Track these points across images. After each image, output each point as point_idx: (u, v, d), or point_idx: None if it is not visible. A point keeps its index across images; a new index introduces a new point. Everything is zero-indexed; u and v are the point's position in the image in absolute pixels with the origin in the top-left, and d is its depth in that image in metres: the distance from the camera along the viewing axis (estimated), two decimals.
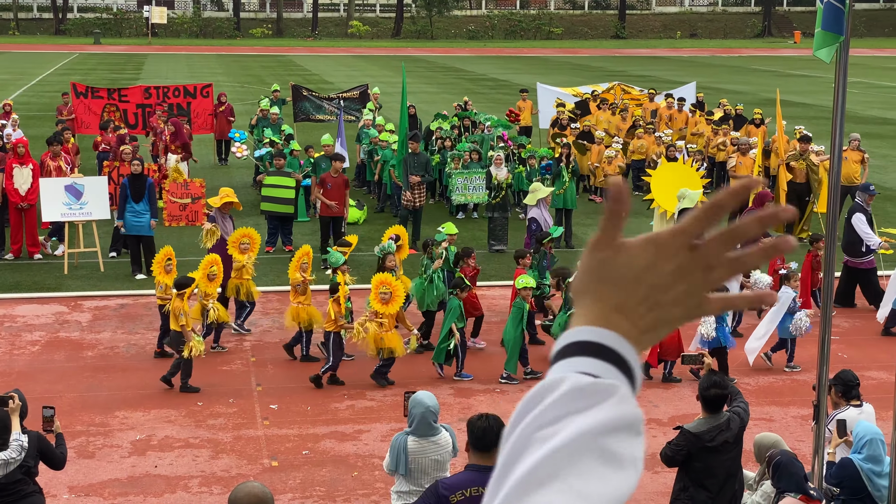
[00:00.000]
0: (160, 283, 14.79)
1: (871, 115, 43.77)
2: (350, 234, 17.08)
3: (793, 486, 8.19)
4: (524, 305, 14.13)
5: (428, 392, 8.46)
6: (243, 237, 15.73)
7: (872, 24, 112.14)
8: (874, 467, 8.74)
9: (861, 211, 17.53)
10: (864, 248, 17.30)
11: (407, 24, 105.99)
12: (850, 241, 17.62)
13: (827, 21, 8.59)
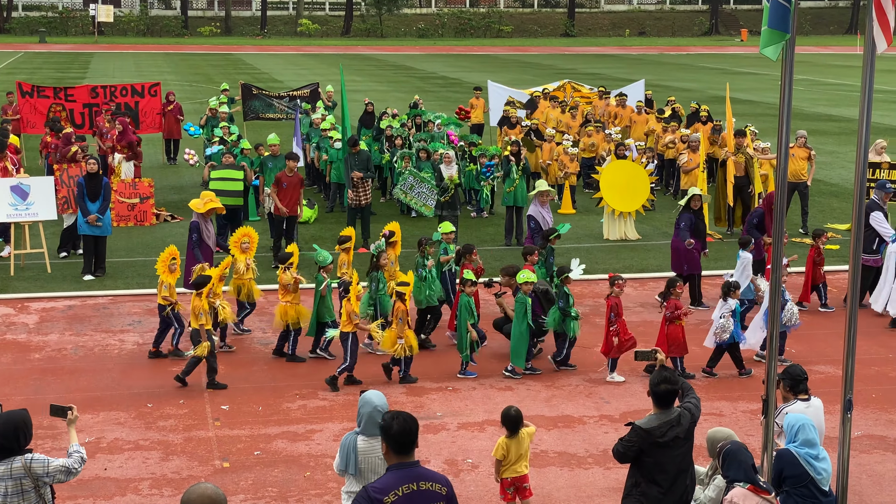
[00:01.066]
0: (164, 282, 14.76)
1: (818, 112, 44.28)
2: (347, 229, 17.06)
3: (741, 475, 8.25)
4: (527, 300, 14.24)
5: (377, 391, 8.42)
6: (244, 237, 15.71)
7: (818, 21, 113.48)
8: (811, 451, 8.85)
9: (878, 209, 17.51)
10: (874, 245, 17.41)
11: (357, 23, 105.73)
12: (865, 237, 17.46)
13: (773, 19, 8.66)
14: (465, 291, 14.42)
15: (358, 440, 8.19)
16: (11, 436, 7.92)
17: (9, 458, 7.92)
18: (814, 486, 8.84)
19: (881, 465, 11.66)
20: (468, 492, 11.01)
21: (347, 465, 8.16)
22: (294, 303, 14.85)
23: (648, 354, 9.14)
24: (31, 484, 7.95)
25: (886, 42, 8.53)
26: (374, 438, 8.13)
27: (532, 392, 13.76)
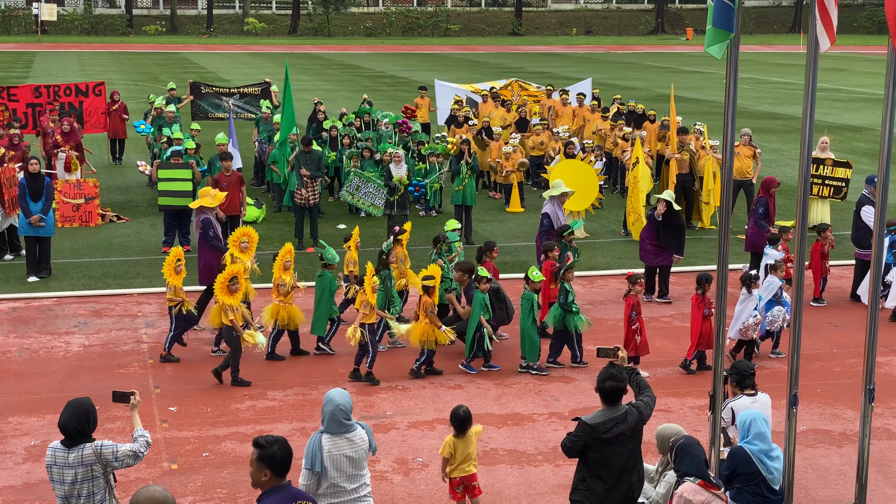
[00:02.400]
0: (170, 284, 14.68)
1: (762, 111, 44.75)
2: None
3: (693, 470, 8.33)
4: (532, 296, 14.37)
5: (340, 389, 8.43)
6: (243, 236, 15.66)
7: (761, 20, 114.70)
8: (763, 446, 8.93)
9: (869, 203, 17.79)
10: (870, 239, 17.49)
11: (304, 22, 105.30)
12: (859, 234, 17.99)
13: (717, 18, 8.75)
14: (479, 288, 14.51)
15: (323, 438, 8.26)
16: (84, 420, 8.16)
17: (79, 445, 8.12)
18: (764, 485, 8.93)
19: (826, 458, 11.81)
20: (418, 491, 11.01)
21: (313, 463, 8.21)
22: (287, 303, 14.82)
23: (610, 351, 9.20)
24: (101, 470, 8.14)
25: (830, 41, 8.64)
26: (338, 436, 8.23)
27: (482, 390, 13.78)
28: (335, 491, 8.21)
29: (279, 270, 14.86)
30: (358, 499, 8.31)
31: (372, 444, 8.41)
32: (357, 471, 8.29)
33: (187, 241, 20.72)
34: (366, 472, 8.40)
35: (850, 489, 10.49)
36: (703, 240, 21.89)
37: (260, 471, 7.22)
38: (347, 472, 8.23)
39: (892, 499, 10.84)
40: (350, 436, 8.26)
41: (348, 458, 8.23)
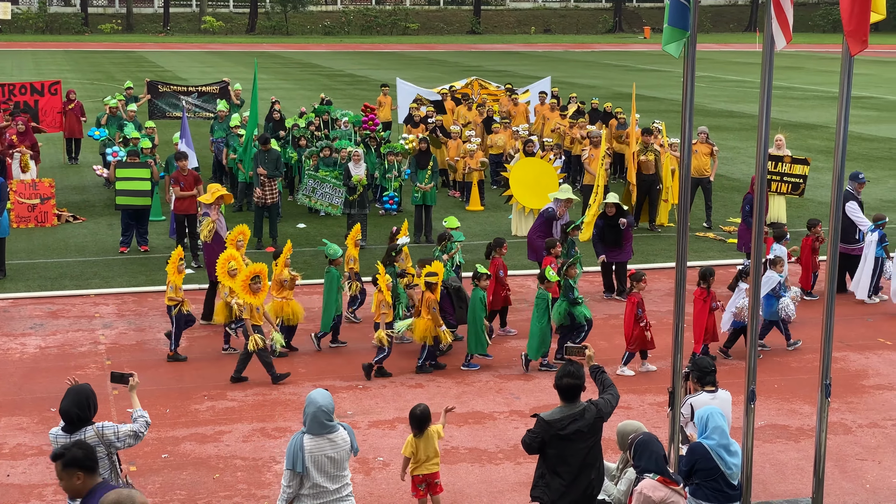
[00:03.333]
0: (171, 282, 14.61)
1: (719, 109, 45.06)
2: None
3: (652, 465, 8.37)
4: (547, 296, 14.48)
5: (322, 390, 8.41)
6: (239, 234, 15.69)
7: (717, 19, 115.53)
8: (721, 440, 8.96)
9: (853, 199, 18.11)
10: (857, 235, 17.99)
11: (262, 20, 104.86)
12: (843, 229, 17.99)
13: (674, 17, 8.80)
14: (478, 286, 14.57)
15: (304, 439, 8.28)
16: (85, 405, 8.33)
17: (80, 429, 8.30)
18: (723, 480, 8.98)
19: (783, 453, 11.91)
20: (380, 490, 11.00)
21: (295, 464, 8.23)
22: (288, 298, 14.90)
23: (579, 350, 9.23)
24: (105, 451, 8.34)
25: (785, 39, 8.71)
26: (320, 437, 8.26)
27: (442, 389, 13.78)
28: (318, 491, 8.23)
29: (280, 267, 14.94)
30: (340, 499, 8.36)
31: (353, 444, 8.43)
32: (339, 471, 8.31)
33: (145, 241, 20.58)
34: (347, 473, 8.42)
35: (807, 483, 10.59)
36: (663, 237, 22.01)
37: (71, 477, 7.09)
38: (329, 473, 8.26)
39: (848, 493, 10.96)
40: (332, 436, 8.28)
41: (330, 458, 8.25)
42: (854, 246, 17.99)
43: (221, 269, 14.45)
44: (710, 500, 9.01)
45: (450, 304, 14.92)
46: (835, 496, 10.78)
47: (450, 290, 14.91)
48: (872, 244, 17.32)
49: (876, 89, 53.90)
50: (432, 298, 14.17)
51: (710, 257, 20.11)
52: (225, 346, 15.10)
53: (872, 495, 10.91)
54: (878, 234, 17.33)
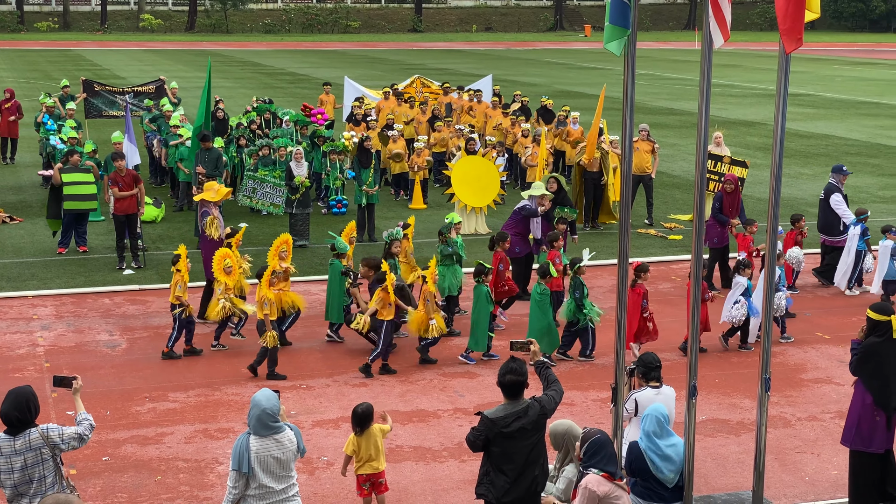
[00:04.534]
0: (180, 282, 14.62)
1: (659, 106, 45.44)
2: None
3: (601, 464, 8.43)
4: (547, 291, 14.62)
5: (267, 391, 8.35)
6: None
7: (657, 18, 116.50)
8: (652, 444, 9.09)
9: (836, 191, 18.43)
10: (840, 227, 18.32)
11: (201, 18, 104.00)
12: (827, 222, 18.56)
13: (614, 15, 8.85)
14: (483, 282, 14.63)
15: (250, 440, 8.23)
16: (24, 408, 8.24)
17: (24, 431, 8.22)
18: (655, 481, 9.12)
19: (724, 447, 12.03)
20: (324, 489, 10.96)
21: (240, 464, 8.19)
22: (286, 290, 14.86)
23: (524, 345, 9.26)
24: (49, 452, 8.28)
25: (723, 38, 8.80)
26: (266, 438, 8.22)
27: (386, 388, 13.76)
28: (264, 492, 8.19)
29: (274, 259, 14.87)
30: (286, 499, 8.33)
31: (300, 445, 8.38)
32: (285, 472, 8.28)
33: (84, 241, 20.33)
34: (294, 473, 8.38)
35: (748, 477, 10.71)
36: (605, 234, 22.14)
37: None
38: (276, 474, 8.22)
39: (788, 485, 11.10)
40: (278, 437, 8.23)
41: (276, 459, 8.21)
42: (838, 238, 18.38)
43: (217, 266, 14.73)
44: (645, 497, 9.18)
45: None
46: (775, 489, 10.91)
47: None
48: (855, 237, 17.72)
49: (813, 86, 54.67)
50: (429, 291, 14.29)
51: (651, 254, 20.27)
52: (214, 343, 15.16)
53: (812, 488, 11.06)
54: (860, 227, 17.69)
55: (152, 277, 18.60)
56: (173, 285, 14.69)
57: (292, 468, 8.37)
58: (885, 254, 17.22)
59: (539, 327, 14.42)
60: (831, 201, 18.36)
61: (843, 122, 40.74)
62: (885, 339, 10.09)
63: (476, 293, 14.64)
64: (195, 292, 16.02)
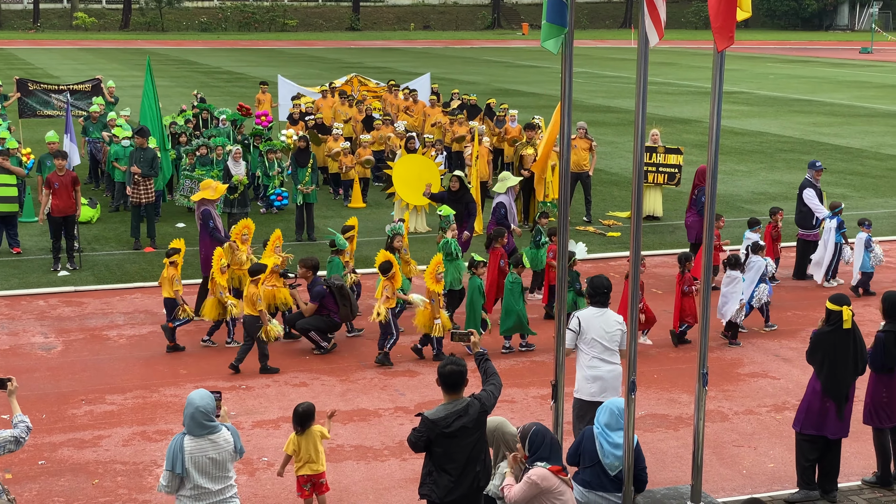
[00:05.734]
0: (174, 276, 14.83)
1: (597, 104, 45.74)
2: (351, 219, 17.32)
3: (546, 454, 8.48)
4: (519, 279, 14.80)
5: (202, 391, 8.26)
6: (244, 228, 15.88)
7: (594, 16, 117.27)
8: (602, 432, 9.35)
9: (811, 186, 18.77)
10: (814, 220, 18.66)
11: (136, 16, 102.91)
12: (802, 216, 18.88)
13: (551, 13, 8.88)
14: (475, 274, 14.80)
15: (185, 440, 8.15)
16: None
17: None
18: (600, 468, 9.27)
19: (663, 442, 12.14)
20: (265, 490, 10.89)
21: (174, 465, 8.10)
22: (278, 286, 15.04)
23: (464, 335, 9.26)
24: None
25: (658, 36, 8.87)
26: (200, 438, 8.13)
27: (327, 387, 13.71)
28: (199, 493, 8.11)
29: (271, 256, 15.17)
30: (223, 500, 8.25)
31: (238, 445, 8.30)
32: (221, 472, 8.19)
33: (16, 242, 20.03)
34: (231, 474, 8.29)
35: (686, 471, 10.82)
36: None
37: None
38: (212, 474, 8.13)
39: (726, 478, 11.23)
40: (213, 437, 8.15)
41: (211, 459, 8.12)
42: (811, 232, 18.73)
43: (216, 266, 14.85)
44: (587, 486, 9.32)
45: (333, 303, 14.87)
46: (713, 483, 11.03)
47: (332, 287, 14.87)
48: (832, 231, 18.02)
49: (747, 84, 55.35)
50: (433, 290, 14.45)
51: (590, 251, 20.38)
52: (204, 339, 15.24)
53: (749, 481, 11.20)
54: (836, 220, 18.01)
55: (88, 279, 18.38)
56: (169, 279, 14.87)
57: (229, 469, 8.30)
58: (860, 246, 17.69)
59: (511, 312, 14.69)
60: (804, 196, 18.76)
61: (777, 120, 41.31)
62: (836, 329, 10.34)
63: (470, 285, 14.87)
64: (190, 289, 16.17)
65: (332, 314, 14.91)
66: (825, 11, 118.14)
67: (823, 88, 53.99)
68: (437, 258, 14.71)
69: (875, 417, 10.85)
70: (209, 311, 15.02)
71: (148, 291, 17.72)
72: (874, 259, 17.90)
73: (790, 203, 22.94)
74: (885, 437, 10.90)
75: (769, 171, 29.33)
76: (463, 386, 8.53)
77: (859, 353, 10.46)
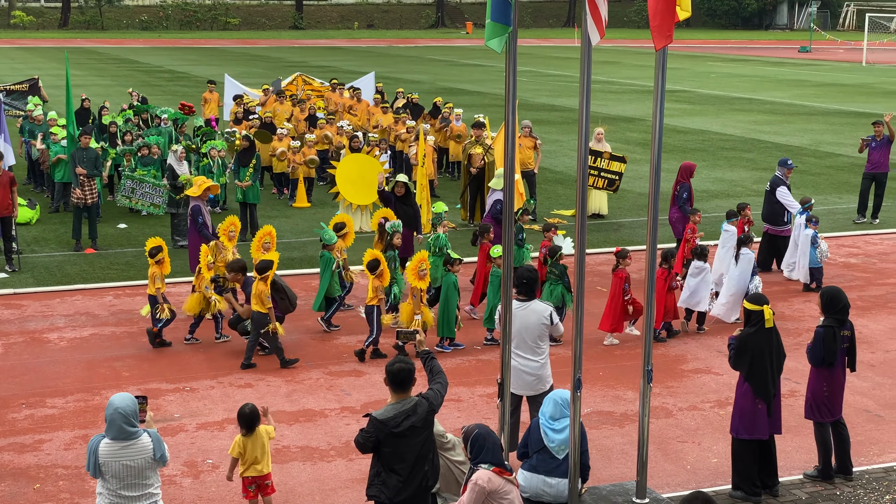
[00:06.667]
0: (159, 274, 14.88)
1: (541, 103, 45.90)
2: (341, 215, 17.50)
3: (489, 458, 8.48)
4: (500, 273, 14.75)
5: (124, 394, 8.14)
6: (231, 225, 16.03)
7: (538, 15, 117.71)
8: (546, 421, 9.72)
9: (782, 184, 19.19)
10: (785, 217, 19.07)
11: (75, 15, 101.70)
12: (772, 212, 19.25)
13: (495, 12, 8.89)
14: (451, 271, 14.98)
15: (101, 443, 8.04)
16: None
17: None
18: (547, 453, 9.63)
19: (609, 439, 12.20)
20: (209, 493, 10.80)
21: (88, 467, 8.02)
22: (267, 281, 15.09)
23: (410, 335, 9.23)
24: None
25: (599, 35, 8.91)
26: (117, 443, 8.01)
27: (272, 388, 13.63)
28: (116, 499, 8.01)
29: (257, 252, 15.27)
30: None
31: (159, 453, 8.12)
32: (138, 479, 8.03)
33: None
34: (151, 482, 8.11)
35: (632, 467, 10.88)
36: None
37: None
38: (126, 481, 8.00)
39: (671, 474, 11.31)
40: (131, 443, 8.01)
41: (126, 466, 7.99)
42: (782, 228, 19.05)
43: (202, 262, 15.01)
44: (534, 470, 9.66)
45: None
46: (658, 478, 11.11)
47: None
48: (801, 226, 18.22)
49: (689, 83, 55.84)
50: (416, 287, 14.52)
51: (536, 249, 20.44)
52: (188, 337, 15.27)
53: (693, 475, 11.29)
54: (805, 215, 18.26)
55: (27, 281, 18.12)
56: (151, 277, 14.86)
57: (149, 476, 8.11)
58: (806, 242, 17.94)
59: (493, 306, 14.90)
60: (778, 193, 19.09)
61: (719, 118, 41.72)
62: (759, 329, 10.39)
63: (445, 282, 15.02)
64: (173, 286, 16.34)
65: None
66: (765, 11, 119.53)
67: (764, 87, 54.62)
68: (421, 255, 14.81)
69: (816, 412, 10.98)
70: (191, 306, 15.11)
71: (89, 293, 17.52)
72: (820, 255, 18.22)
73: (732, 201, 23.18)
74: (826, 432, 11.04)
75: (711, 169, 29.60)
76: (411, 385, 8.51)
77: (781, 352, 10.58)
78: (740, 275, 16.03)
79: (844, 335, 10.81)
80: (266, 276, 14.30)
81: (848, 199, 25.58)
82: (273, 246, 15.60)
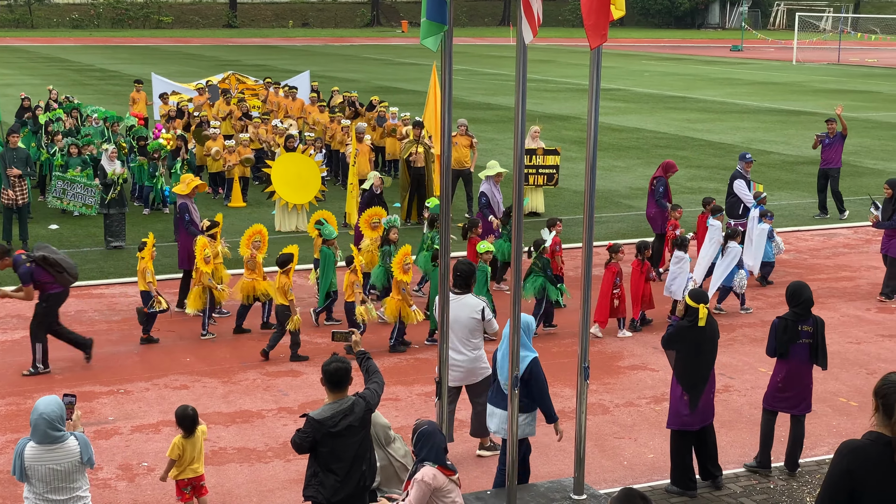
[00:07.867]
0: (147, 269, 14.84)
1: (477, 101, 46.01)
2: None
3: (432, 456, 8.48)
4: (487, 269, 15.12)
5: (49, 397, 8.03)
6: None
7: (473, 13, 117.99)
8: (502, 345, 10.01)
9: (741, 177, 19.56)
10: (740, 210, 19.33)
11: (3, 13, 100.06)
12: (731, 204, 19.61)
13: (431, 11, 8.89)
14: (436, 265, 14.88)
15: (27, 447, 7.94)
16: None
17: None
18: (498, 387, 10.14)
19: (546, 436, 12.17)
20: (145, 496, 10.68)
21: (14, 471, 7.92)
22: (258, 278, 15.36)
23: (346, 335, 9.20)
24: None
25: (532, 34, 8.95)
26: (43, 446, 7.90)
27: (208, 389, 13.51)
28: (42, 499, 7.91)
29: (246, 248, 15.32)
30: None
31: (85, 456, 8.02)
32: (66, 483, 7.95)
33: None
34: (79, 485, 8.03)
35: (569, 464, 10.93)
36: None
37: None
38: (53, 484, 7.91)
39: (608, 470, 11.39)
40: (57, 446, 7.91)
41: (52, 469, 7.89)
42: (740, 221, 19.21)
43: (199, 256, 15.00)
44: (493, 403, 10.21)
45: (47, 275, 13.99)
46: (595, 474, 11.18)
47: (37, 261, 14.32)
48: (755, 220, 18.33)
49: (623, 81, 56.30)
50: (402, 280, 14.63)
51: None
52: (203, 333, 15.27)
53: (630, 471, 11.38)
54: (759, 209, 18.45)
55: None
56: (141, 272, 14.84)
57: (77, 479, 8.02)
58: (761, 237, 18.12)
59: None
60: (734, 186, 19.51)
61: (653, 116, 42.10)
62: (693, 325, 10.56)
63: (433, 276, 15.11)
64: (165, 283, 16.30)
65: (50, 286, 13.87)
66: (697, 10, 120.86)
67: (696, 85, 55.21)
68: (406, 249, 14.96)
69: (768, 399, 11.24)
70: (193, 303, 15.20)
71: None
72: (776, 249, 18.63)
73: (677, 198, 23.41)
74: (770, 422, 11.21)
75: (646, 167, 29.86)
76: (348, 384, 8.48)
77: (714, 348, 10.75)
78: (725, 268, 16.33)
79: (805, 330, 10.97)
80: (288, 269, 14.48)
81: (780, 196, 25.95)
82: (264, 245, 15.64)
